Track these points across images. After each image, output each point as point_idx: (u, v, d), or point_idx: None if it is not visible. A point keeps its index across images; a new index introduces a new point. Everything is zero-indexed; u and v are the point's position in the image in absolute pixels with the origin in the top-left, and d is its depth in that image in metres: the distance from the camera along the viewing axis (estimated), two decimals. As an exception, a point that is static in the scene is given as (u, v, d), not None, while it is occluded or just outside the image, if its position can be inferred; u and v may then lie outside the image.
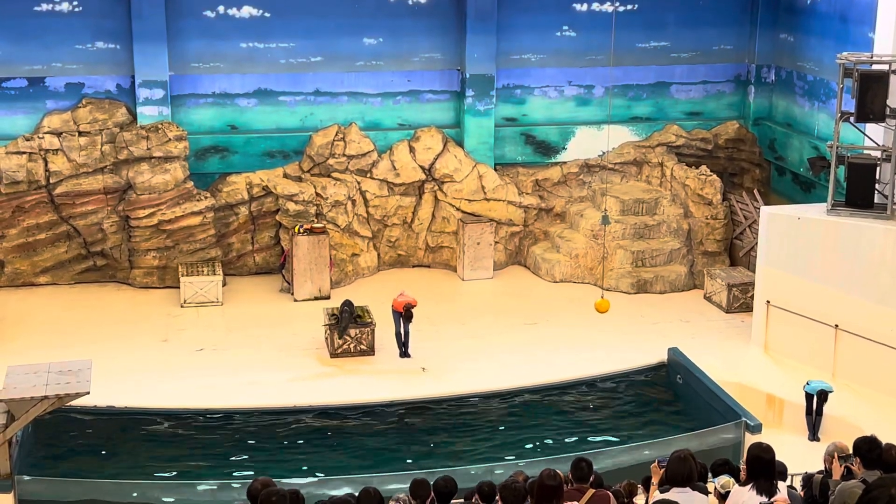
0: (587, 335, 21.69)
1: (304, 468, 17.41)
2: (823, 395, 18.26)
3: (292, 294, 23.55)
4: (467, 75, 25.27)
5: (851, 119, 19.60)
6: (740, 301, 23.07)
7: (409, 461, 17.73)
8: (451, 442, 18.56)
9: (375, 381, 19.82)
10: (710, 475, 10.69)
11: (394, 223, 25.38)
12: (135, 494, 16.17)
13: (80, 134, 23.63)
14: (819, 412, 18.33)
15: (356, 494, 8.88)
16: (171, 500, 16.07)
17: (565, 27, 25.81)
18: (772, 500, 7.95)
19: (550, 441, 18.60)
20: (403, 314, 20.47)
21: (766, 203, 23.97)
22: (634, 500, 10.65)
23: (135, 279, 24.08)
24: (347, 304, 20.94)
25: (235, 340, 21.43)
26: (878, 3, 20.93)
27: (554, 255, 25.22)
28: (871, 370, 19.13)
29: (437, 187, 25.40)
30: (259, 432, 18.49)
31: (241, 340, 21.40)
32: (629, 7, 25.88)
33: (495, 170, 25.67)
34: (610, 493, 9.29)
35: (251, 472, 16.23)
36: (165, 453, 17.94)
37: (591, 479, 9.30)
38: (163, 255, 23.95)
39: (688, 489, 8.19)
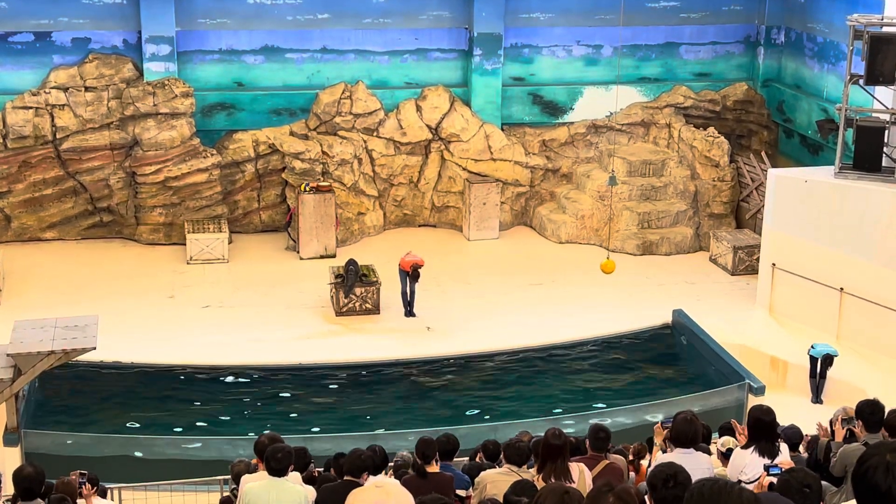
0: (592, 296, 21.72)
1: (308, 425, 17.51)
2: (828, 360, 18.30)
3: (298, 252, 23.58)
4: (475, 34, 25.12)
5: (861, 82, 19.48)
6: (746, 263, 23.07)
7: (413, 420, 17.82)
8: (455, 401, 18.65)
9: (380, 340, 19.88)
10: (715, 436, 10.75)
11: (400, 182, 25.35)
12: (140, 448, 16.29)
13: (87, 89, 23.56)
14: (823, 375, 18.38)
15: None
16: (177, 454, 16.18)
17: (574, -14, 25.62)
18: (774, 461, 7.99)
19: (554, 401, 18.69)
20: (410, 274, 20.49)
21: (774, 165, 23.90)
22: (641, 462, 10.71)
23: (141, 235, 24.11)
24: (352, 262, 20.97)
25: (241, 298, 21.49)
26: (891, -36, 20.77)
27: (560, 215, 25.20)
28: (876, 333, 19.15)
29: (443, 147, 25.34)
30: (264, 389, 18.58)
31: (247, 298, 21.45)
32: (639, -34, 25.67)
33: (502, 130, 25.59)
34: (623, 467, 9.30)
35: (257, 429, 16.32)
36: (171, 408, 18.06)
37: (609, 446, 9.26)
38: (169, 212, 23.97)
39: (692, 450, 8.23)
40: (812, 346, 18.43)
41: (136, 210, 24.12)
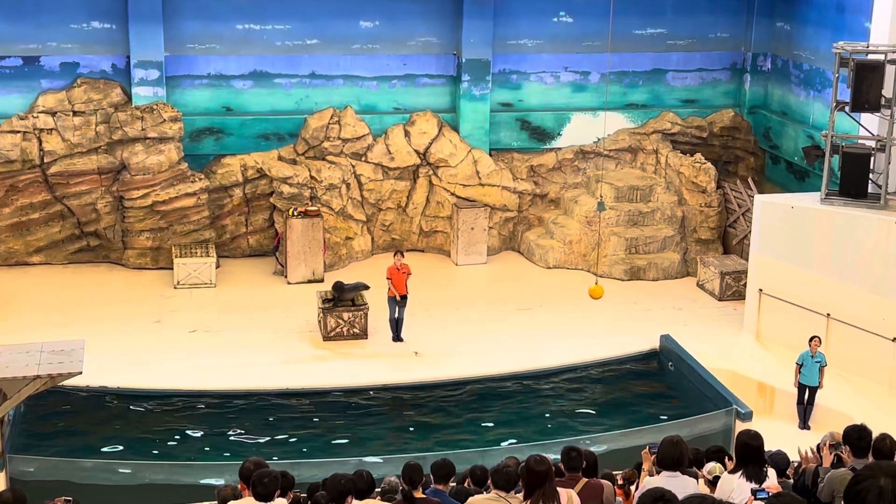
0: (580, 321, 21.72)
1: (296, 450, 17.44)
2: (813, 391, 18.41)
3: (286, 277, 23.55)
4: (463, 60, 25.23)
5: (846, 108, 19.61)
6: (733, 289, 23.12)
7: (401, 445, 17.76)
8: (443, 426, 18.60)
9: (368, 365, 19.84)
10: (704, 462, 10.73)
11: (388, 207, 25.37)
12: (126, 474, 16.19)
13: (75, 114, 23.57)
14: (810, 401, 18.41)
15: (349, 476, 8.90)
16: (163, 479, 16.09)
17: (562, 13, 25.77)
18: (762, 486, 7.98)
19: (542, 426, 18.64)
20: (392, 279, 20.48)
21: (760, 191, 24.00)
22: (630, 487, 10.69)
23: (128, 260, 24.06)
24: (339, 283, 21.01)
25: (228, 322, 21.43)
26: (875, -8, 20.94)
27: (548, 240, 25.24)
28: (863, 359, 19.19)
29: (431, 172, 25.38)
30: (250, 414, 18.51)
31: (234, 322, 21.40)
32: (626, -7, 25.83)
33: (490, 155, 25.66)
34: (603, 483, 9.31)
35: (242, 454, 16.25)
36: (157, 434, 17.96)
37: (583, 466, 9.31)
38: (156, 236, 23.94)
39: (678, 473, 8.23)
40: (801, 373, 18.39)
41: (123, 234, 24.08)
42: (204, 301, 22.48)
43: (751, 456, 8.33)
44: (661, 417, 18.69)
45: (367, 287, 21.00)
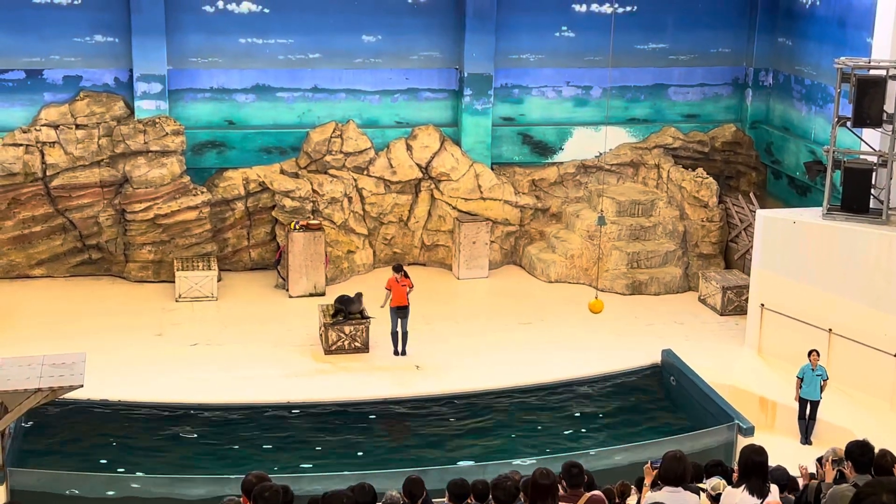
0: (581, 335, 21.71)
1: (297, 464, 17.42)
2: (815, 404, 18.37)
3: (287, 290, 23.55)
4: (465, 74, 25.28)
5: (848, 124, 19.63)
6: (734, 304, 23.11)
7: (402, 459, 17.72)
8: (444, 440, 18.57)
9: (369, 379, 19.82)
10: (704, 477, 10.72)
11: (390, 221, 25.39)
12: (127, 487, 16.17)
13: (78, 127, 23.61)
14: (812, 417, 18.38)
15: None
16: (164, 493, 16.06)
17: (564, 28, 25.83)
18: (764, 501, 7.97)
19: (544, 441, 18.61)
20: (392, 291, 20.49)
21: (762, 206, 24.01)
22: (627, 501, 10.67)
23: (130, 273, 24.06)
24: (345, 297, 20.99)
25: (230, 336, 21.42)
26: (877, 8, 20.99)
27: (549, 255, 25.25)
28: (864, 374, 19.17)
29: (433, 186, 25.41)
30: (252, 428, 18.49)
31: (236, 336, 21.39)
32: (628, 8, 25.91)
33: (492, 169, 25.69)
34: (604, 496, 9.30)
35: (244, 467, 16.21)
36: (158, 447, 17.94)
37: (585, 480, 9.30)
38: (158, 250, 23.95)
39: (679, 489, 8.22)
40: (802, 387, 18.38)
41: (125, 247, 24.10)
42: (205, 314, 22.48)
43: (754, 470, 8.32)
44: (663, 432, 18.64)
45: (360, 294, 21.01)
